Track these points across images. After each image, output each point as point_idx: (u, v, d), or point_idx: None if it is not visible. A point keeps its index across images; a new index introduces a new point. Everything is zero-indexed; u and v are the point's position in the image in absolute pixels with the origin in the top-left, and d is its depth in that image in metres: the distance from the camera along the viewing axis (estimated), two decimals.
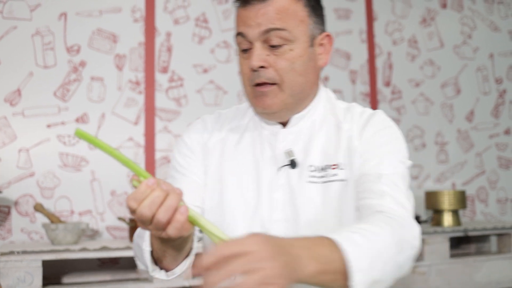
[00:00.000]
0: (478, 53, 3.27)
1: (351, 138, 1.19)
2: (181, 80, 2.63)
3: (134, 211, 0.88)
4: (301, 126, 1.22)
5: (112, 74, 2.52)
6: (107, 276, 2.33)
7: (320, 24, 1.20)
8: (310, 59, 1.18)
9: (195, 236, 1.11)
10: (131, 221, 2.27)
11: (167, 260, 1.09)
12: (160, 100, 2.58)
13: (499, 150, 3.27)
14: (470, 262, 2.59)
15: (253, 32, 1.13)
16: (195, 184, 1.24)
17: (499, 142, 3.27)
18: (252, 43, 1.14)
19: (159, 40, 2.61)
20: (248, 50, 1.16)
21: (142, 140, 2.53)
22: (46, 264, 2.05)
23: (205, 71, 2.67)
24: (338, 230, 0.93)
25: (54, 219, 2.20)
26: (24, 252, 1.95)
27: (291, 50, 1.14)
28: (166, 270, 1.11)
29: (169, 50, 2.62)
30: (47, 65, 2.43)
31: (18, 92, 2.37)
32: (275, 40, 1.13)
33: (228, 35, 2.72)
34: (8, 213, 2.32)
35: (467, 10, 3.27)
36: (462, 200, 2.74)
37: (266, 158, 1.21)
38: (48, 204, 2.36)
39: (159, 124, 2.56)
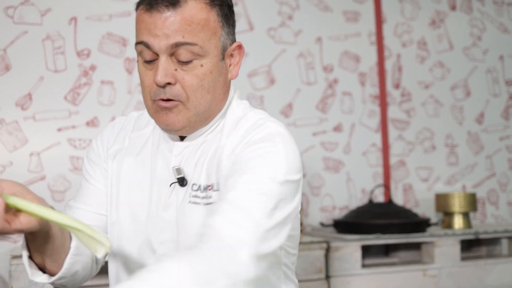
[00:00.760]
0: (488, 55, 3.26)
1: (222, 154, 1.08)
2: None
3: None
4: (196, 142, 1.13)
5: (122, 78, 2.53)
6: None
7: (232, 34, 1.12)
8: (220, 73, 1.08)
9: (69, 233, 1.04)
10: None
11: (47, 263, 1.04)
12: None
13: (509, 153, 3.25)
14: (481, 265, 2.58)
15: (159, 44, 1.01)
16: (100, 193, 1.20)
17: (510, 144, 3.26)
18: (157, 55, 1.03)
19: None
20: (152, 61, 1.04)
21: None
22: None
23: None
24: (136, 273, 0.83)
25: None
26: None
27: (201, 65, 1.04)
28: (51, 274, 1.06)
29: None
30: (57, 69, 2.44)
31: (29, 96, 2.39)
32: (184, 55, 1.02)
33: (238, 38, 2.72)
34: None
35: (477, 12, 3.26)
36: (473, 203, 2.73)
37: (160, 173, 1.13)
38: (59, 208, 2.38)
39: None
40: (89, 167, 1.23)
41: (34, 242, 1.01)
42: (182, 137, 1.14)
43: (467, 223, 2.71)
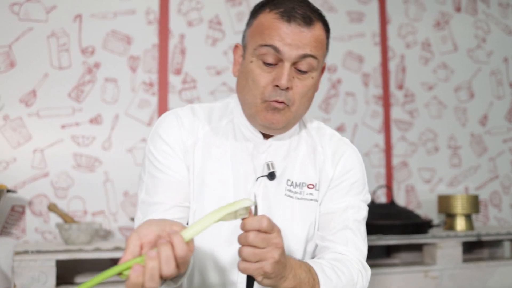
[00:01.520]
0: (492, 57, 3.25)
1: (324, 162, 1.27)
2: (194, 82, 2.64)
3: None
4: (282, 141, 1.27)
5: (126, 76, 2.53)
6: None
7: (327, 54, 1.26)
8: (316, 86, 1.23)
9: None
10: None
11: None
12: (173, 102, 2.59)
13: None
14: (483, 267, 2.57)
15: (290, 52, 1.14)
16: (181, 184, 1.21)
17: None
18: (281, 61, 1.15)
19: (172, 42, 2.62)
20: (272, 64, 1.16)
21: None
22: (59, 264, 2.07)
23: (218, 73, 2.68)
24: (314, 258, 1.20)
25: (67, 219, 2.22)
26: (39, 252, 1.96)
27: (312, 78, 1.19)
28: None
29: (182, 52, 2.64)
30: (62, 66, 2.45)
31: (33, 93, 2.40)
32: (304, 66, 1.16)
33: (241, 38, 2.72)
34: (23, 212, 2.34)
35: (481, 13, 3.26)
36: (475, 205, 2.72)
37: (245, 166, 1.23)
38: (61, 204, 2.38)
39: None
40: (163, 159, 1.22)
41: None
42: (264, 135, 1.26)
43: (469, 225, 2.71)
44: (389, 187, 2.88)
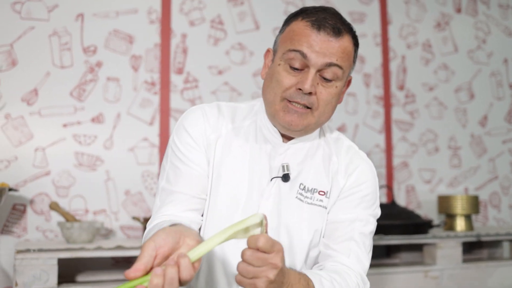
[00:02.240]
0: (492, 58, 3.26)
1: (337, 172, 1.31)
2: (196, 82, 2.65)
3: None
4: (301, 145, 1.31)
5: (127, 75, 2.54)
6: (120, 275, 2.34)
7: (352, 69, 1.31)
8: (340, 97, 1.28)
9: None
10: (145, 220, 2.29)
11: None
12: (175, 101, 2.59)
13: None
14: (483, 267, 2.58)
15: (316, 59, 1.18)
16: (201, 177, 1.26)
17: None
18: (307, 66, 1.19)
19: (174, 41, 2.63)
20: (298, 69, 1.20)
21: (157, 140, 2.55)
22: (61, 263, 2.07)
23: (219, 72, 2.69)
24: (312, 270, 1.21)
25: (69, 217, 2.22)
26: (40, 250, 1.96)
27: (336, 87, 1.23)
28: None
29: (184, 51, 2.64)
30: (64, 65, 2.45)
31: (35, 91, 2.40)
32: (329, 74, 1.20)
33: (243, 37, 2.73)
34: (24, 211, 2.34)
35: (482, 15, 3.27)
36: (475, 205, 2.73)
37: (262, 166, 1.27)
38: (63, 203, 2.39)
39: (174, 125, 2.58)
40: (186, 151, 1.27)
41: None
42: (285, 138, 1.30)
43: (469, 226, 2.71)
44: (389, 187, 2.89)
